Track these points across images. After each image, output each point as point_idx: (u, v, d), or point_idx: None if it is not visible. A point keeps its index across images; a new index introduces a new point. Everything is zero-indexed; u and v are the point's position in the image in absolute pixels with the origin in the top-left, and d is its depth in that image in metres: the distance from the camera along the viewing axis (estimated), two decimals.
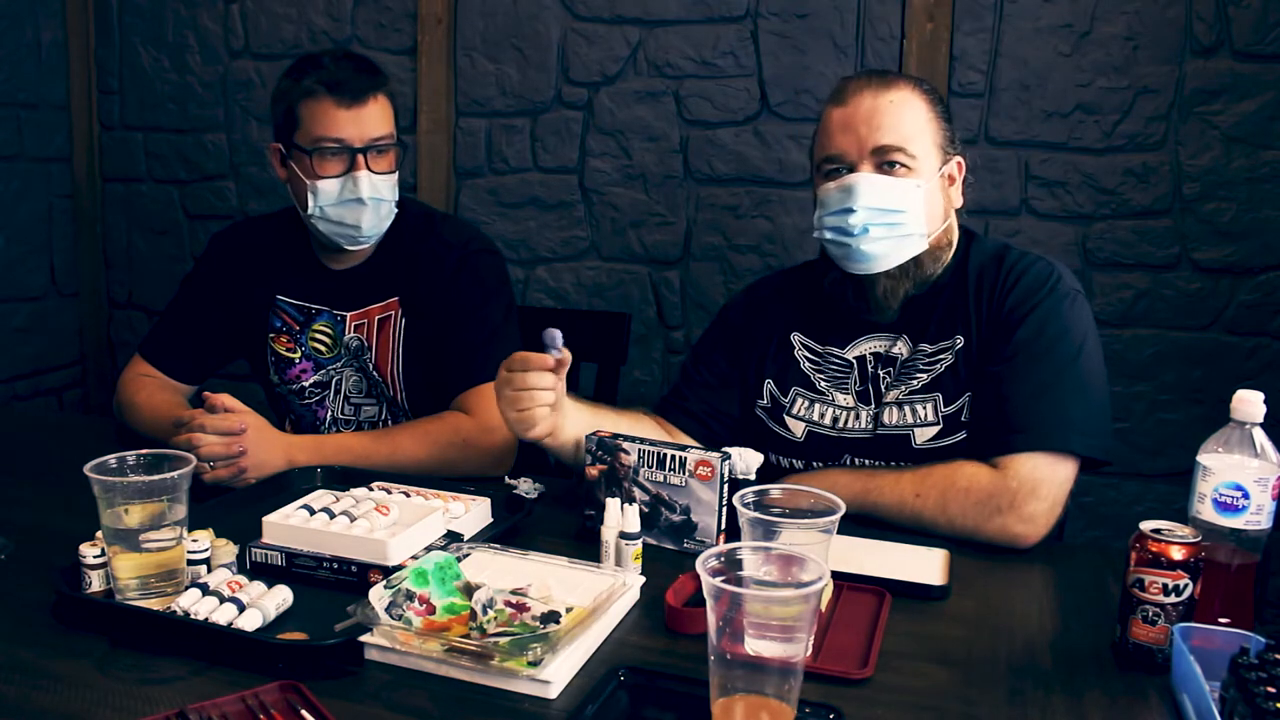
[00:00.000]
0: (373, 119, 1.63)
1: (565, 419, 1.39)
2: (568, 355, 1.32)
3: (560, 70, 2.54)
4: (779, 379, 1.57)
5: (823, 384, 1.53)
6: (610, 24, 2.49)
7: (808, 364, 1.55)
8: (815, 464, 1.52)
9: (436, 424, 1.60)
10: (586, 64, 2.52)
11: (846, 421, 1.51)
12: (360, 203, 1.63)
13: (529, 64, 2.56)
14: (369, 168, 1.63)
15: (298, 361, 1.76)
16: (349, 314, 1.74)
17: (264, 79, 2.79)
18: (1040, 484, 1.32)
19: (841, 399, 1.51)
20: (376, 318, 1.73)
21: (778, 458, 1.55)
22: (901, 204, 1.42)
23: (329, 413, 1.77)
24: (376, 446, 1.56)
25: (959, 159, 1.50)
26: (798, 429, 1.54)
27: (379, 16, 2.66)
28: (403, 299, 1.73)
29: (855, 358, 1.52)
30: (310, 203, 1.64)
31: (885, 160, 1.42)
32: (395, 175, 1.68)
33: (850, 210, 1.42)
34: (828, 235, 1.47)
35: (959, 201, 1.51)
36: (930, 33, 2.27)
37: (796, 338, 1.57)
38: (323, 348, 1.75)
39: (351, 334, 1.73)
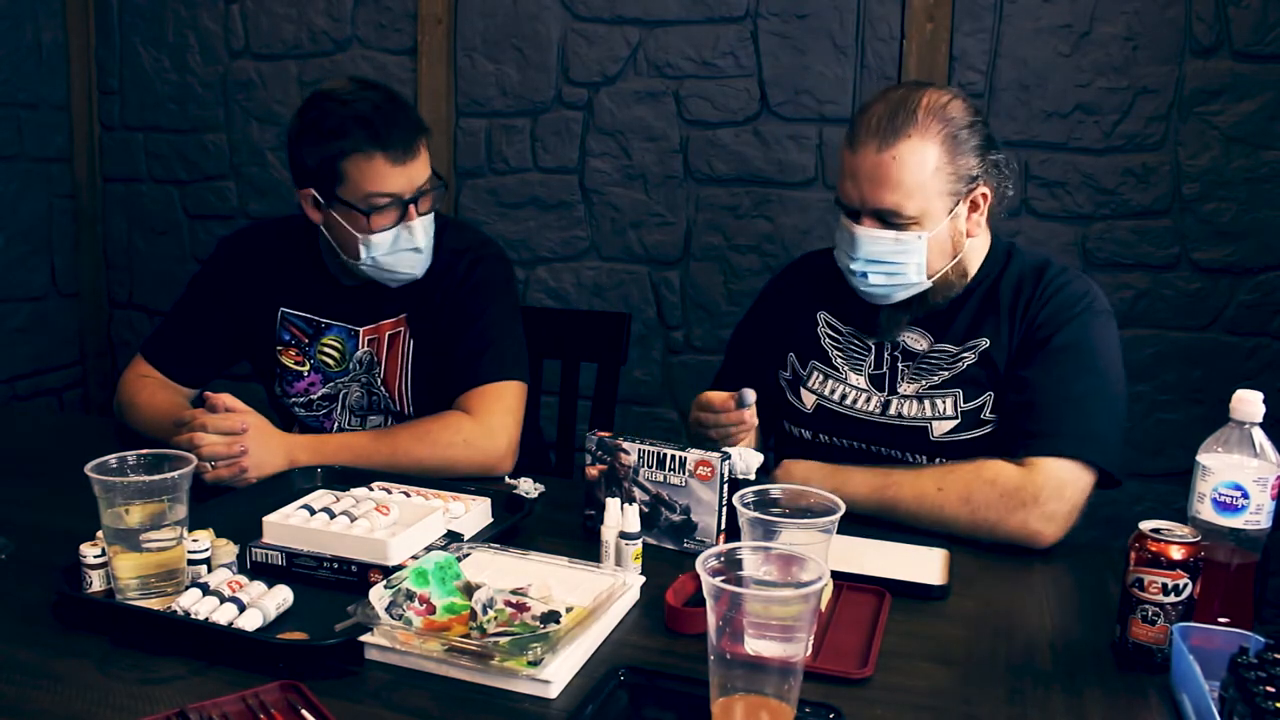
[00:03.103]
0: (420, 167, 1.61)
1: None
2: (753, 419, 1.42)
3: (560, 70, 2.54)
4: (800, 352, 1.61)
5: (839, 361, 1.57)
6: (610, 24, 2.49)
7: (828, 340, 1.59)
8: (822, 436, 1.56)
9: (438, 424, 1.59)
10: (586, 64, 2.52)
11: (856, 401, 1.53)
12: (416, 251, 1.63)
13: (529, 64, 2.56)
14: (419, 213, 1.62)
15: (306, 374, 1.75)
16: (362, 329, 1.73)
17: (264, 79, 2.79)
18: (1065, 485, 1.34)
19: (854, 379, 1.55)
20: (387, 333, 1.73)
21: (790, 427, 1.60)
22: (900, 256, 1.45)
23: (335, 424, 1.77)
24: (377, 446, 1.55)
25: (984, 190, 1.46)
26: (809, 400, 1.58)
27: (379, 16, 2.66)
28: (410, 315, 1.72)
29: (874, 343, 1.55)
30: (362, 253, 1.62)
31: (885, 218, 1.44)
32: (431, 216, 1.67)
33: (852, 257, 1.47)
34: (839, 264, 1.52)
35: (979, 229, 1.50)
36: (930, 33, 2.27)
37: (823, 315, 1.61)
38: (331, 361, 1.74)
39: (364, 348, 1.73)
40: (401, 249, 1.62)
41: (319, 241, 1.73)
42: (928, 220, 1.43)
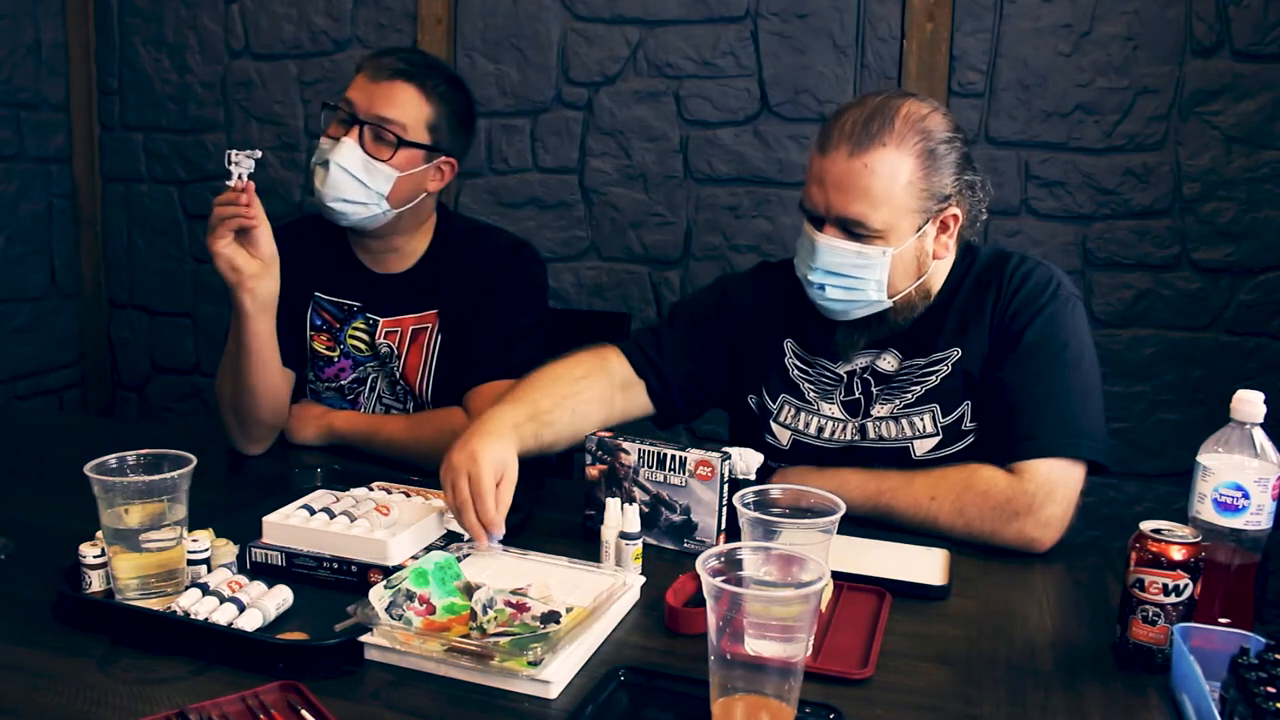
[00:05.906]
0: (391, 104, 1.59)
1: None
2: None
3: (560, 70, 2.54)
4: (769, 384, 1.54)
5: (811, 394, 1.51)
6: (610, 24, 2.49)
7: (797, 373, 1.53)
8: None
9: (436, 417, 1.62)
10: (586, 64, 2.52)
11: (833, 432, 1.49)
12: (326, 167, 1.59)
13: (529, 64, 2.56)
14: (358, 139, 1.59)
15: (336, 360, 1.75)
16: (381, 320, 1.73)
17: (264, 79, 2.79)
18: (1056, 487, 1.33)
19: (827, 409, 1.50)
20: (411, 328, 1.73)
21: (768, 462, 1.54)
22: (860, 271, 1.37)
23: (362, 409, 1.77)
24: (378, 426, 1.65)
25: (955, 211, 1.39)
26: (784, 437, 1.52)
27: (379, 16, 2.66)
28: (443, 311, 1.72)
29: (846, 371, 1.49)
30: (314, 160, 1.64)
31: (849, 228, 1.37)
32: (387, 167, 1.61)
33: (811, 267, 1.40)
34: (798, 273, 1.45)
35: (947, 251, 1.43)
36: (930, 33, 2.27)
37: (789, 344, 1.54)
38: (362, 345, 1.74)
39: (382, 340, 1.73)
40: (326, 160, 1.59)
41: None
42: (893, 236, 1.36)
